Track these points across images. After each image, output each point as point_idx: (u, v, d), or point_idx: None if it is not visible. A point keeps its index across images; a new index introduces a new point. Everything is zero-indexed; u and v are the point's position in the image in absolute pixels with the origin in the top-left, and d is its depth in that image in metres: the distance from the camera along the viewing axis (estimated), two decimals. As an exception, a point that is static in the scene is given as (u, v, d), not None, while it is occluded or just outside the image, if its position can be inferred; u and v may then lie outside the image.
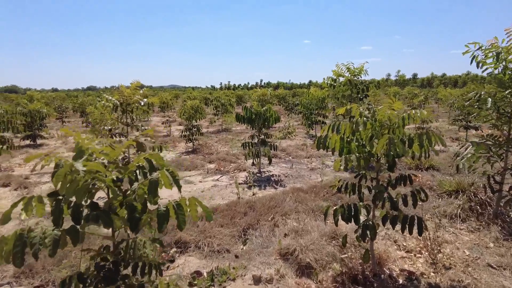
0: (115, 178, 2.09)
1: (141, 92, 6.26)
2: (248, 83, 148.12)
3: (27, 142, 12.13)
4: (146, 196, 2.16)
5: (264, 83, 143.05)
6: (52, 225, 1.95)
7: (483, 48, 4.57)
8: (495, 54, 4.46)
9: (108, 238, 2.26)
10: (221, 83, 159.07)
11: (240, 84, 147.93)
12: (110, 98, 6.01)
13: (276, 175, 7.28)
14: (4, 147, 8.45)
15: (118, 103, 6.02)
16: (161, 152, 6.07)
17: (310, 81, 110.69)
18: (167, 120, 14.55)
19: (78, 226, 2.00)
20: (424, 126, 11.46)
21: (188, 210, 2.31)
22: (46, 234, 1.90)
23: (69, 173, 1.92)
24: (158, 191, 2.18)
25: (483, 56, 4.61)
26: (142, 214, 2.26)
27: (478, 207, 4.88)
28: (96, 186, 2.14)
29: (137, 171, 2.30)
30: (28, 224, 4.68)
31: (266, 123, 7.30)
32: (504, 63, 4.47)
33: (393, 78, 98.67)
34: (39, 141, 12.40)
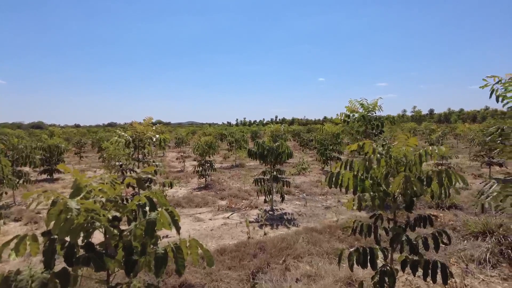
0: (110, 217, 1.99)
1: (153, 128, 6.31)
2: (264, 119, 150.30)
3: (45, 176, 12.33)
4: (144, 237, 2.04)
5: (279, 119, 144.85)
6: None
7: (502, 81, 4.39)
8: (515, 88, 4.28)
9: (102, 282, 2.11)
10: (237, 119, 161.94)
11: (256, 120, 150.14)
12: (123, 134, 6.07)
13: (289, 213, 7.02)
14: (21, 181, 8.60)
15: (131, 139, 6.06)
16: (171, 188, 6.01)
17: (325, 117, 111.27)
18: (181, 155, 14.63)
19: (70, 269, 1.88)
20: (444, 162, 11.06)
21: (189, 252, 2.17)
22: (34, 278, 1.79)
23: (63, 212, 1.83)
24: (163, 231, 2.05)
25: (503, 90, 4.41)
26: (141, 256, 2.12)
27: (510, 251, 4.49)
28: (95, 225, 2.04)
29: (138, 210, 2.20)
30: (33, 263, 4.57)
31: (279, 159, 7.17)
32: (526, 97, 4.27)
33: (409, 114, 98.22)
34: (55, 176, 12.59)
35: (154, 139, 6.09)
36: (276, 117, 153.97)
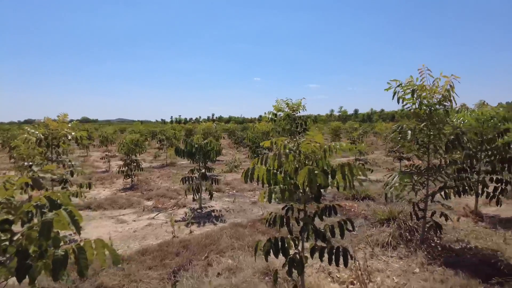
0: (-4, 220, 1.83)
1: (69, 125, 5.86)
2: (200, 117, 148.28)
3: None
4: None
5: (216, 117, 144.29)
6: None
7: (402, 85, 4.94)
8: (411, 91, 4.86)
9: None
10: (171, 116, 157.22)
11: (192, 118, 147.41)
12: (33, 131, 5.53)
13: (217, 210, 7.08)
14: None
15: (42, 136, 5.55)
16: (89, 189, 5.65)
17: (260, 116, 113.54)
18: (106, 155, 13.78)
19: None
20: (362, 158, 12.12)
21: (95, 253, 2.09)
22: None
23: None
24: (84, 235, 1.95)
25: (402, 93, 4.97)
26: (38, 260, 1.99)
27: (407, 234, 5.10)
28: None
29: (36, 211, 2.07)
30: None
31: (207, 157, 7.19)
32: (419, 99, 4.88)
33: (336, 113, 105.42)
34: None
35: (70, 137, 5.66)
36: (213, 115, 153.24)
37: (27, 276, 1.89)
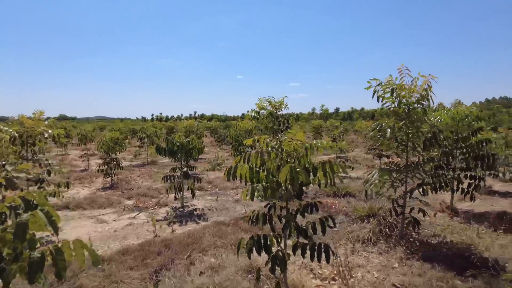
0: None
1: (46, 123, 5.67)
2: (182, 114, 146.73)
3: None
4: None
5: (198, 114, 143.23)
6: None
7: (382, 84, 5.02)
8: (391, 90, 4.96)
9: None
10: (152, 114, 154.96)
11: (173, 116, 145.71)
12: (6, 129, 5.33)
13: (199, 208, 7.04)
14: None
15: (16, 134, 5.36)
16: (67, 188, 5.50)
17: (243, 114, 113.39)
18: (85, 153, 13.44)
19: None
20: (342, 155, 12.31)
21: (73, 254, 2.04)
22: None
23: None
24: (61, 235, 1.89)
25: (382, 92, 5.06)
26: (13, 263, 1.92)
27: (387, 230, 5.22)
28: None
29: (10, 212, 2.00)
30: None
31: (190, 155, 7.12)
32: (398, 98, 4.98)
33: (318, 112, 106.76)
34: None
35: (46, 135, 5.48)
36: (195, 112, 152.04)
37: (0, 280, 1.83)
